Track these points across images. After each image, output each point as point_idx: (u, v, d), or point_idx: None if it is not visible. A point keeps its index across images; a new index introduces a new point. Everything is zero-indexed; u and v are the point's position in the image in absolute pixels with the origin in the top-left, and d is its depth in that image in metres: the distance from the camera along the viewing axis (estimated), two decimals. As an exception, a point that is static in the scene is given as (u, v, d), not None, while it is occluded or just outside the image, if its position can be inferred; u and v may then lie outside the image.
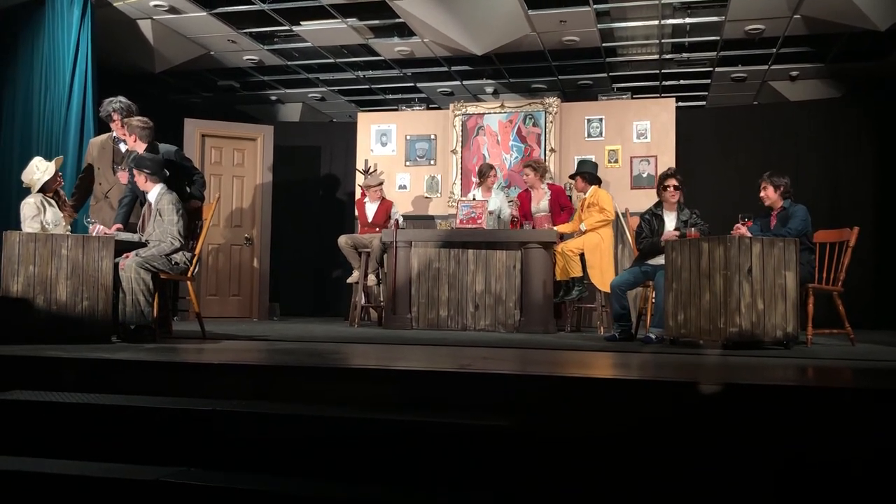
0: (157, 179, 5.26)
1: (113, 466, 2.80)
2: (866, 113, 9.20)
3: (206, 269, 8.90)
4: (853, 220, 5.90)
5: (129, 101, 5.97)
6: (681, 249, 5.24)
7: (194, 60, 8.92)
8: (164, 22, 7.95)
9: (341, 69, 9.43)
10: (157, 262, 5.02)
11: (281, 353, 4.38)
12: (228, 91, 10.39)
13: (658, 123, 8.60)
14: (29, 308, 4.56)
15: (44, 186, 5.41)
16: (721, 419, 2.78)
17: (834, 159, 9.24)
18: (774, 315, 4.94)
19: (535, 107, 8.89)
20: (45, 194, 5.42)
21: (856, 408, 2.69)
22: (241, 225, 9.27)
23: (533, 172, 7.43)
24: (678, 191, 5.89)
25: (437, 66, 9.21)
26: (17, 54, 7.19)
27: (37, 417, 3.11)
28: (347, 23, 7.91)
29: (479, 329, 6.82)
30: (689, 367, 3.92)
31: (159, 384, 3.37)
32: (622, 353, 4.75)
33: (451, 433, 2.74)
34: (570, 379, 3.16)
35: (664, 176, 5.98)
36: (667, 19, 7.72)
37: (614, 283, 5.97)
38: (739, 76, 9.23)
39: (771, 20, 7.49)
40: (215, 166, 9.14)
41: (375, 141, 9.35)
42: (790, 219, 5.49)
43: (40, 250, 4.59)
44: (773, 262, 4.96)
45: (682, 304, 5.18)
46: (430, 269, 6.97)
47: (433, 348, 4.91)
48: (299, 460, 2.83)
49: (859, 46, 8.07)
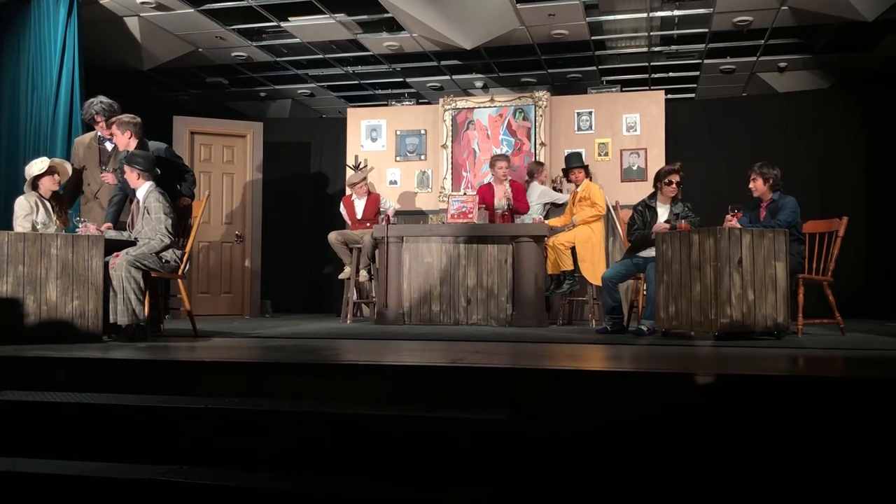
0: (149, 176, 5.23)
1: (106, 465, 2.79)
2: (855, 103, 9.25)
3: (197, 267, 8.88)
4: (842, 210, 5.93)
5: (110, 101, 5.93)
6: (671, 241, 5.25)
7: (182, 57, 8.88)
8: (152, 19, 7.91)
9: (330, 65, 9.41)
10: (147, 260, 5.00)
11: (273, 350, 4.37)
12: (217, 88, 10.35)
13: (648, 116, 8.62)
14: (19, 308, 4.53)
15: (36, 184, 5.39)
16: (714, 410, 2.79)
17: (823, 150, 9.29)
18: (765, 306, 4.96)
19: (524, 101, 8.89)
20: (40, 195, 5.40)
21: (847, 397, 2.71)
22: (232, 222, 9.25)
23: (507, 166, 7.38)
24: (678, 186, 5.89)
25: (426, 61, 9.20)
26: (3, 53, 7.13)
27: (29, 417, 3.10)
28: (336, 18, 7.89)
29: (472, 323, 6.82)
30: (681, 358, 3.93)
31: (151, 383, 3.36)
32: (614, 346, 4.76)
33: (445, 428, 2.75)
34: (563, 372, 3.16)
35: (669, 171, 5.88)
36: (655, 12, 7.73)
37: (605, 276, 5.97)
38: (728, 68, 9.26)
39: (759, 11, 7.51)
40: (205, 164, 9.11)
41: (365, 136, 9.33)
42: (780, 210, 5.51)
43: (29, 250, 4.57)
44: (763, 253, 4.98)
45: (673, 295, 5.19)
46: (421, 265, 6.96)
47: (426, 343, 4.91)
48: (291, 457, 2.83)
49: (847, 37, 8.10)
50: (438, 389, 3.10)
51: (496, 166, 7.37)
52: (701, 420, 2.76)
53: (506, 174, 7.35)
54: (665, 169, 5.97)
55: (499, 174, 7.35)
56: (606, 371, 3.32)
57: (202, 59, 9.12)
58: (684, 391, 2.87)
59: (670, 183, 5.83)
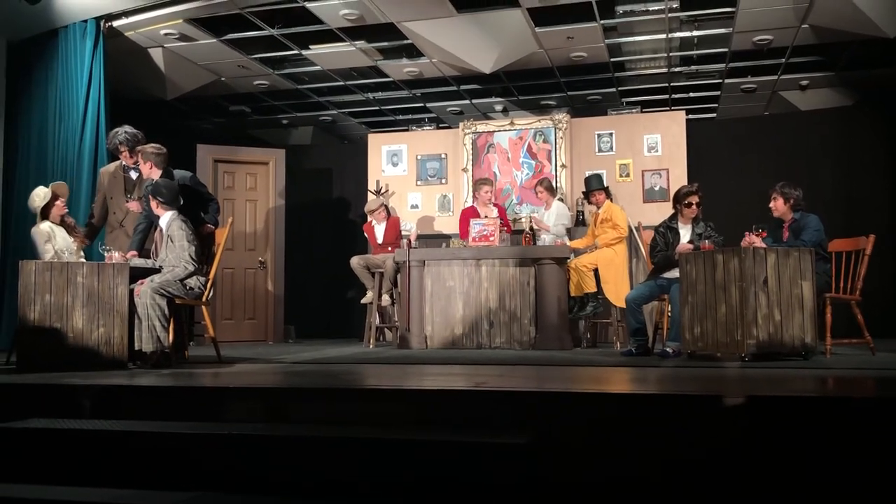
0: (170, 207, 5.29)
1: (131, 493, 2.79)
2: (879, 120, 9.15)
3: (221, 294, 8.94)
4: (869, 228, 5.85)
5: (134, 130, 6.00)
6: (695, 262, 5.20)
7: (205, 87, 9.01)
8: (175, 50, 8.04)
9: (351, 91, 9.49)
10: (171, 287, 5.04)
11: (296, 375, 4.37)
12: (240, 116, 10.48)
13: (669, 136, 8.59)
14: (46, 336, 4.59)
15: (45, 213, 5.46)
16: (743, 432, 2.74)
17: (847, 167, 9.18)
18: (792, 326, 4.89)
19: (544, 123, 8.90)
20: (51, 221, 5.47)
21: (878, 417, 2.65)
22: (255, 248, 9.31)
23: (490, 190, 7.64)
24: (699, 207, 5.84)
25: (446, 86, 9.26)
26: (32, 85, 7.29)
27: (55, 445, 3.12)
28: (356, 45, 7.98)
29: (495, 347, 6.79)
30: (708, 380, 3.88)
31: (176, 409, 3.37)
32: (639, 368, 4.71)
33: (468, 452, 2.72)
34: (587, 395, 3.13)
35: (688, 192, 5.83)
36: (674, 32, 7.73)
37: (629, 298, 5.93)
38: (749, 87, 9.22)
39: (779, 30, 7.48)
40: (228, 191, 9.20)
41: (386, 161, 9.39)
42: (803, 230, 5.44)
43: (56, 279, 4.63)
44: (789, 273, 4.92)
45: (699, 317, 5.14)
46: (443, 288, 6.96)
47: (448, 367, 4.89)
48: (315, 483, 2.82)
49: (869, 54, 8.04)
50: (461, 414, 3.08)
51: (481, 190, 7.67)
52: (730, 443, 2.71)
53: (490, 198, 7.62)
54: (683, 190, 5.91)
55: (483, 198, 7.63)
56: (631, 394, 3.28)
57: (225, 88, 9.24)
58: (713, 414, 2.83)
59: (690, 205, 5.79)
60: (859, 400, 2.92)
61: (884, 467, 2.52)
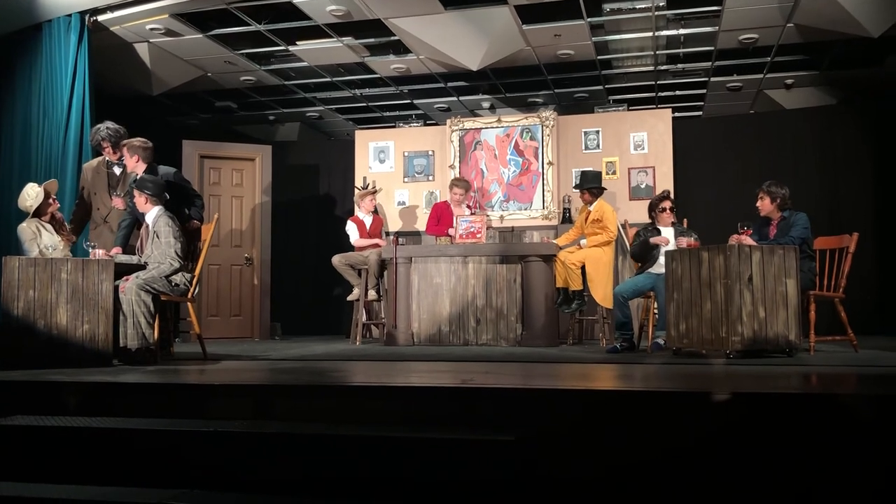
0: (157, 201, 5.26)
1: (116, 490, 2.78)
2: (863, 119, 9.23)
3: (207, 290, 8.89)
4: (853, 227, 5.91)
5: (116, 126, 5.96)
6: (681, 259, 5.23)
7: (191, 82, 8.96)
8: (161, 45, 7.98)
9: (338, 88, 9.46)
10: (157, 283, 5.02)
11: (282, 372, 4.36)
12: (226, 112, 10.43)
13: (655, 134, 8.62)
14: (29, 333, 4.55)
15: (37, 211, 5.41)
16: (728, 428, 2.76)
17: (832, 166, 9.25)
18: (776, 323, 4.93)
19: (531, 120, 8.91)
20: (40, 219, 5.42)
21: (862, 414, 2.68)
22: (241, 245, 9.27)
23: (463, 192, 7.75)
24: (672, 212, 6.14)
25: (433, 83, 9.25)
26: (15, 80, 7.21)
27: (39, 442, 3.10)
28: (343, 42, 7.95)
29: (481, 344, 6.80)
30: (693, 377, 3.90)
31: (161, 406, 3.36)
32: (625, 365, 4.74)
33: (455, 448, 2.73)
34: (573, 392, 3.14)
35: (659, 198, 6.20)
36: (661, 31, 7.75)
37: (617, 291, 6.01)
38: (735, 85, 9.26)
39: (764, 29, 7.52)
40: (214, 187, 9.15)
41: (373, 158, 9.37)
42: (791, 227, 5.48)
43: (40, 275, 4.59)
44: (774, 270, 4.95)
45: (684, 314, 5.16)
46: (430, 285, 6.96)
47: (435, 364, 4.90)
48: (301, 480, 2.81)
49: (854, 53, 8.10)
50: (448, 411, 3.08)
51: (452, 191, 7.81)
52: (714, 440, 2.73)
53: (460, 200, 7.72)
54: (654, 199, 6.32)
55: (455, 199, 7.75)
56: (617, 390, 3.30)
57: (211, 84, 9.19)
58: (698, 410, 2.84)
59: (663, 209, 6.13)
60: (843, 396, 2.94)
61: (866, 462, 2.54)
